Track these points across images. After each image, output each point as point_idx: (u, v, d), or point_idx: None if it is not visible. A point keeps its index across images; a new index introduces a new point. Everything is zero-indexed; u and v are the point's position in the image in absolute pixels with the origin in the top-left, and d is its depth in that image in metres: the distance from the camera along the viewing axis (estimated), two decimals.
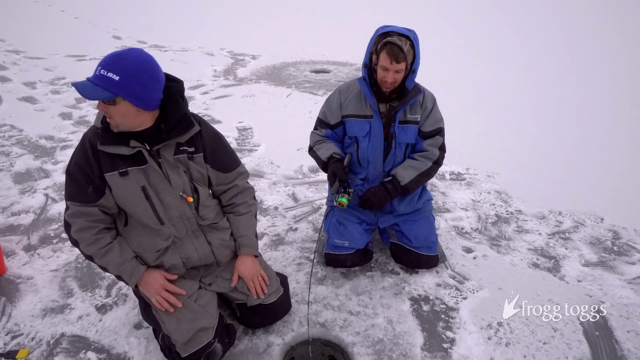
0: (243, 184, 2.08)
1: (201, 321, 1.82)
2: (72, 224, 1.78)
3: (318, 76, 7.01)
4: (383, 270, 2.64)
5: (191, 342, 1.78)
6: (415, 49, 2.22)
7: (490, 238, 3.00)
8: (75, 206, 1.76)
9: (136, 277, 1.82)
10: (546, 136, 4.79)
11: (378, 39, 2.25)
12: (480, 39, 9.84)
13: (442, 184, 3.68)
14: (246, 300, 2.04)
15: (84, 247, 1.79)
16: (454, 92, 6.06)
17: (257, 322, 2.14)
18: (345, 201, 2.32)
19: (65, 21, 10.91)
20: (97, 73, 1.55)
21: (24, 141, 4.31)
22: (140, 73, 1.57)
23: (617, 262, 2.79)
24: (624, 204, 3.44)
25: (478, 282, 2.56)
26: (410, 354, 2.08)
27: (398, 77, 2.25)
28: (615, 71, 7.55)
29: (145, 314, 1.95)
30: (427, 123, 2.46)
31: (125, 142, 1.69)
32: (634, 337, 2.22)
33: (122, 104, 1.59)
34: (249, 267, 2.04)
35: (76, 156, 1.75)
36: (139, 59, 1.58)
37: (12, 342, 2.11)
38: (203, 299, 1.92)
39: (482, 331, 2.23)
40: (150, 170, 1.76)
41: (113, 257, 1.79)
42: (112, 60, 1.55)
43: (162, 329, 1.85)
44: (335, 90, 2.54)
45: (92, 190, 1.73)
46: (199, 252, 1.95)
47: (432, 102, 2.47)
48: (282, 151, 4.21)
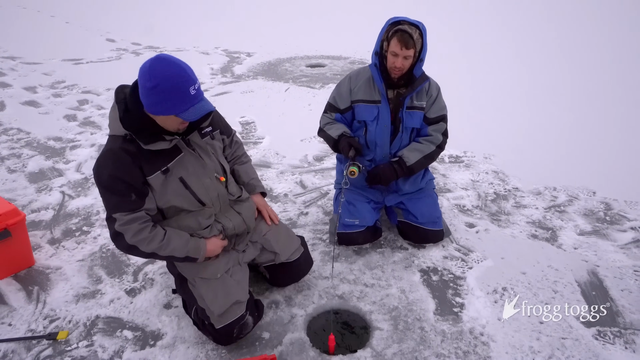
0: (237, 139, 2.39)
1: (236, 294, 1.99)
2: (124, 232, 1.82)
3: (314, 70, 7.15)
4: (392, 247, 2.80)
5: (226, 314, 1.94)
6: (423, 38, 2.38)
7: (491, 214, 3.18)
8: (123, 215, 1.81)
9: (203, 249, 1.96)
10: (538, 119, 4.98)
11: (389, 27, 2.41)
12: (471, 31, 10.03)
13: (442, 167, 3.86)
14: (274, 259, 2.25)
15: (145, 247, 1.85)
16: (450, 82, 6.23)
17: (287, 279, 2.37)
18: (357, 169, 2.47)
19: (57, 26, 10.93)
20: (197, 91, 1.73)
21: (33, 143, 4.42)
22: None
23: (609, 231, 2.99)
24: (614, 177, 3.63)
25: (482, 253, 2.73)
26: (424, 318, 2.25)
27: (406, 63, 2.41)
28: (602, 56, 7.77)
29: (182, 289, 2.10)
30: (432, 110, 2.63)
31: (160, 137, 1.82)
32: (627, 294, 2.41)
33: None
34: (263, 201, 2.39)
35: (109, 169, 1.79)
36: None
37: (50, 325, 2.25)
38: (237, 275, 2.09)
39: (488, 296, 2.40)
40: (187, 158, 1.92)
41: (175, 243, 1.89)
42: (191, 73, 1.73)
43: (198, 303, 2.00)
44: (346, 76, 2.69)
45: (136, 197, 1.82)
46: (233, 221, 2.11)
47: (437, 91, 2.64)
48: (286, 142, 4.36)
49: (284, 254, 2.26)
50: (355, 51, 8.21)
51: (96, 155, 4.11)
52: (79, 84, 6.40)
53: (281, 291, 2.41)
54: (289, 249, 2.28)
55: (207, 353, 2.06)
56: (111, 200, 1.83)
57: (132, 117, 1.79)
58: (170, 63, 1.68)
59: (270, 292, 2.42)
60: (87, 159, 4.06)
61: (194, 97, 1.71)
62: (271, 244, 2.24)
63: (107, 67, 7.37)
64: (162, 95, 1.67)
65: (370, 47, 2.64)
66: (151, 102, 1.71)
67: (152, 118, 1.80)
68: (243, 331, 2.01)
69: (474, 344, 2.11)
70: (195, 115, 1.73)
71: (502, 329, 2.19)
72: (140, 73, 1.71)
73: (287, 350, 2.07)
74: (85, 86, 6.29)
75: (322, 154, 4.13)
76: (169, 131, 1.85)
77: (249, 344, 2.10)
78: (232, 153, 2.32)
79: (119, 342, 2.15)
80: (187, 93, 1.68)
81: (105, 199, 1.85)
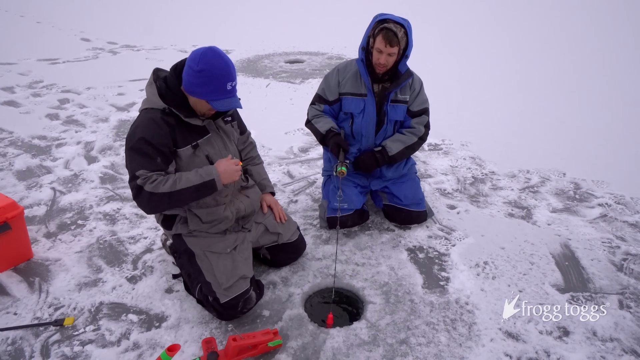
0: (252, 140, 2.60)
1: (242, 269, 2.14)
2: (144, 184, 1.94)
3: (293, 66, 7.27)
4: (380, 229, 2.96)
5: (232, 288, 2.07)
6: (408, 36, 2.53)
7: (470, 196, 3.37)
8: (147, 172, 1.96)
9: (215, 171, 2.01)
10: (511, 107, 5.24)
11: (376, 24, 2.55)
12: (447, 24, 10.30)
13: (422, 155, 4.04)
14: (277, 239, 2.47)
15: (162, 188, 1.94)
16: (427, 73, 6.45)
17: (286, 258, 2.57)
18: (345, 169, 2.62)
19: (28, 26, 10.73)
20: (233, 88, 1.97)
21: (17, 142, 4.41)
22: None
23: (579, 207, 3.22)
24: (582, 159, 3.90)
25: (463, 232, 2.92)
26: (413, 291, 2.41)
27: (390, 60, 2.56)
28: (570, 47, 8.13)
29: (189, 263, 2.22)
30: (415, 103, 2.79)
31: (195, 115, 2.04)
32: (596, 263, 2.63)
33: None
34: (274, 200, 2.60)
35: (142, 133, 1.97)
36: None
37: (56, 313, 2.32)
38: (244, 252, 2.26)
39: (471, 269, 2.58)
40: (214, 138, 2.14)
41: (187, 176, 2.00)
42: (234, 71, 1.96)
43: (205, 277, 2.12)
44: (334, 69, 2.83)
45: (161, 161, 1.99)
46: (244, 203, 2.33)
47: (419, 86, 2.80)
48: (271, 135, 4.48)
49: (285, 235, 2.48)
50: (332, 47, 8.36)
51: (83, 153, 4.15)
52: (58, 83, 6.36)
53: (278, 272, 2.54)
54: (289, 231, 2.53)
55: (212, 331, 2.17)
56: (137, 161, 1.98)
57: (174, 94, 2.01)
58: (220, 56, 1.92)
59: (267, 274, 2.54)
60: (74, 156, 4.08)
61: (229, 92, 1.95)
62: (274, 225, 2.46)
63: (85, 67, 7.32)
64: (203, 80, 1.90)
65: (346, 43, 2.83)
66: (192, 83, 1.93)
67: (187, 97, 2.02)
68: (247, 305, 2.14)
69: (460, 312, 2.28)
70: (224, 107, 1.97)
71: (485, 298, 2.37)
72: (191, 56, 1.94)
73: (287, 326, 2.19)
74: (65, 85, 6.25)
75: (307, 145, 4.27)
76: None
77: (250, 322, 2.22)
78: (247, 153, 2.55)
79: (125, 325, 2.24)
80: (225, 86, 1.93)
81: (131, 159, 2.00)
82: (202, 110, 2.05)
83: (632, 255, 2.71)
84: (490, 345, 2.08)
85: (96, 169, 3.84)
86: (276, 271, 2.55)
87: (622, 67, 7.00)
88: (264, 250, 2.52)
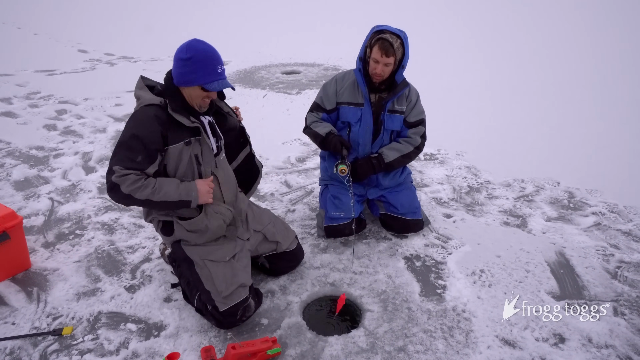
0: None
1: (241, 278, 2.15)
2: (120, 183, 1.96)
3: (290, 77, 7.33)
4: (377, 238, 2.99)
5: (232, 296, 2.08)
6: (405, 47, 2.58)
7: (466, 205, 3.41)
8: (121, 170, 1.97)
9: (195, 190, 2.08)
10: (505, 117, 5.31)
11: (373, 35, 2.60)
12: (441, 34, 10.43)
13: (418, 164, 4.09)
14: (276, 248, 2.48)
15: (139, 194, 1.97)
16: (422, 83, 6.53)
17: (285, 266, 2.59)
18: (346, 167, 2.65)
19: (25, 38, 10.79)
20: (222, 70, 2.06)
21: (15, 152, 4.42)
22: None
23: (573, 216, 3.26)
24: (576, 169, 3.96)
25: (460, 240, 2.95)
26: (410, 299, 2.43)
27: (386, 70, 2.61)
28: (564, 55, 8.25)
29: (189, 271, 2.23)
30: (411, 114, 2.84)
31: (187, 115, 2.07)
32: (591, 271, 2.66)
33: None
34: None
35: (134, 128, 2.01)
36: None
37: (54, 322, 2.32)
38: (243, 261, 2.27)
39: (467, 277, 2.61)
40: (203, 142, 2.14)
41: (167, 187, 2.03)
42: (220, 56, 2.05)
43: (204, 286, 2.13)
44: (332, 78, 2.87)
45: (142, 159, 1.99)
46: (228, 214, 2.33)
47: (416, 96, 2.85)
48: (268, 145, 4.51)
49: (284, 243, 2.50)
50: (329, 58, 8.44)
51: (81, 163, 4.16)
52: (55, 94, 6.39)
53: (276, 281, 2.56)
54: (288, 239, 2.54)
55: (210, 340, 2.18)
56: (119, 155, 2.00)
57: (167, 87, 2.11)
58: (204, 43, 2.04)
59: (266, 282, 2.55)
60: (72, 166, 4.10)
61: (219, 74, 2.05)
62: (273, 234, 2.47)
63: (82, 78, 7.36)
64: (193, 67, 1.98)
65: (342, 54, 2.87)
66: (182, 73, 2.01)
67: (181, 93, 2.09)
68: (246, 313, 2.15)
69: (457, 319, 2.30)
70: (217, 87, 2.04)
71: (481, 305, 2.39)
72: (177, 50, 2.03)
73: (285, 334, 2.21)
74: (62, 96, 6.28)
75: (304, 155, 4.30)
76: (193, 112, 2.12)
77: (249, 330, 2.23)
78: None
79: (123, 334, 2.24)
80: (215, 68, 2.02)
81: (115, 153, 2.03)
82: (197, 101, 2.10)
83: (625, 262, 2.75)
84: (487, 353, 2.09)
85: (94, 179, 3.85)
86: (275, 280, 2.57)
87: (616, 77, 7.11)
88: (262, 258, 2.53)
